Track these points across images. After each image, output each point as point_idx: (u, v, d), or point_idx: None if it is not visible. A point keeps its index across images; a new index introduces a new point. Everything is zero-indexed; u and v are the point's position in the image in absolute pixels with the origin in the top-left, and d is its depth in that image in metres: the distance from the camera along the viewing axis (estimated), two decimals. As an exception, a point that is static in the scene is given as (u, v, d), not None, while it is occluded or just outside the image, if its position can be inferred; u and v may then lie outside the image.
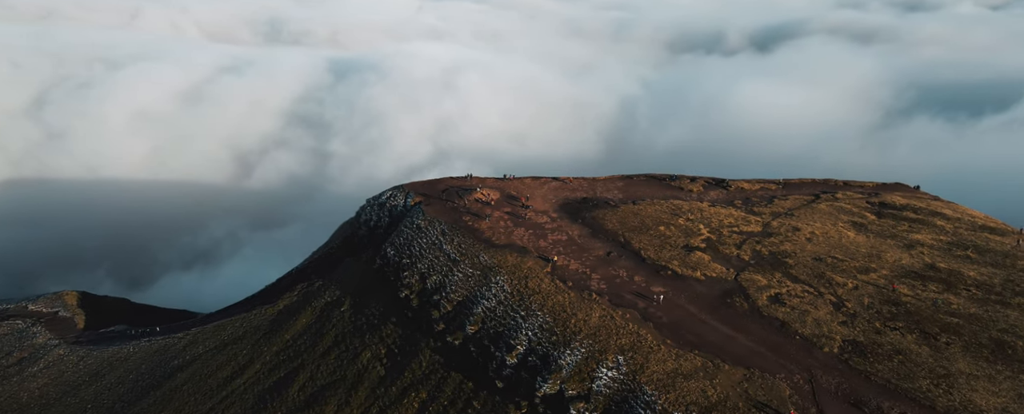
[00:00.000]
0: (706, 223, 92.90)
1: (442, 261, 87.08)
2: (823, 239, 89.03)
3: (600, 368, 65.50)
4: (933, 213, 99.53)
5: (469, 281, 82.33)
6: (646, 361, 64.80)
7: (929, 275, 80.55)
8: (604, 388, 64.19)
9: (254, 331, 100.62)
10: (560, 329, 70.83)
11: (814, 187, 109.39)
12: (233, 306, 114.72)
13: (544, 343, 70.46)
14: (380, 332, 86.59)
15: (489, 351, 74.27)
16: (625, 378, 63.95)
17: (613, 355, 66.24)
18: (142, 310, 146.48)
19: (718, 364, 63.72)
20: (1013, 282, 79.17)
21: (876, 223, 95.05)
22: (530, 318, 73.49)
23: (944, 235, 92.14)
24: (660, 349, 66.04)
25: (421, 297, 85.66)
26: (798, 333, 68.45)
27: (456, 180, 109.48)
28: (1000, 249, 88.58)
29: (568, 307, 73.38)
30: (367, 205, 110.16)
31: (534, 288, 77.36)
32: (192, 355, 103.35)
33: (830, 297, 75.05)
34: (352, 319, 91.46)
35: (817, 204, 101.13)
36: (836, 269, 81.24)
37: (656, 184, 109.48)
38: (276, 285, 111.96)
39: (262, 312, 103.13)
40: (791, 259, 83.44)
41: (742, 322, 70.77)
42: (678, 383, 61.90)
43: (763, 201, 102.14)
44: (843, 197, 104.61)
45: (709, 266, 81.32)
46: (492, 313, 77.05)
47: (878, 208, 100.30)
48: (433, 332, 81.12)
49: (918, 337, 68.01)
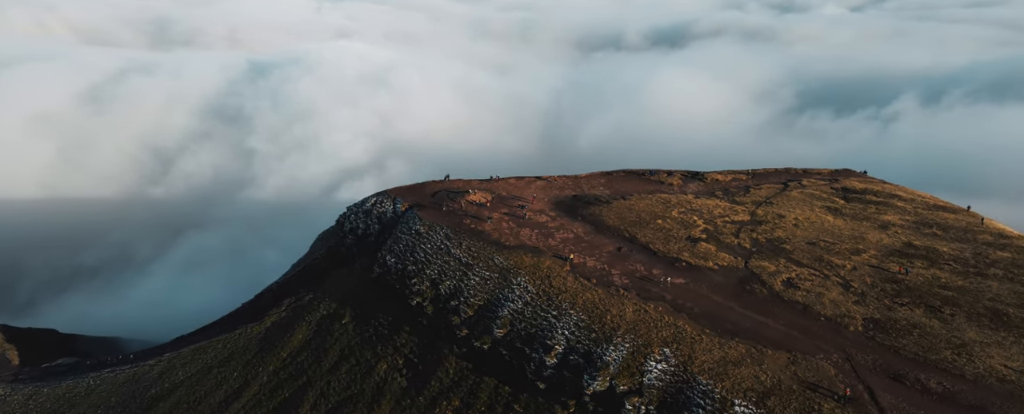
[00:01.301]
0: (698, 214, 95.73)
1: (453, 266, 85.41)
2: (808, 224, 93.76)
3: (648, 361, 66.31)
4: (890, 195, 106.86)
5: (487, 284, 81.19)
6: (693, 351, 66.17)
7: (911, 253, 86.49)
8: (656, 381, 65.02)
9: (242, 351, 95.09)
10: (597, 326, 71.11)
11: (779, 176, 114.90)
12: (207, 327, 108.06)
13: (584, 341, 70.55)
14: (393, 342, 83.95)
15: (524, 353, 73.56)
16: (676, 370, 65.05)
17: (658, 348, 67.20)
18: (64, 340, 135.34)
19: (761, 350, 65.93)
20: (981, 255, 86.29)
21: (847, 207, 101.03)
22: (563, 317, 73.37)
23: (908, 215, 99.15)
24: (702, 339, 67.60)
25: (436, 303, 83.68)
26: (822, 315, 71.85)
27: (440, 183, 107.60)
28: (958, 225, 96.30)
29: (599, 304, 73.77)
30: (350, 213, 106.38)
31: (559, 287, 77.27)
32: (172, 382, 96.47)
33: (836, 279, 79.22)
34: (358, 331, 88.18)
35: (789, 192, 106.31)
36: (830, 252, 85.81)
37: (636, 179, 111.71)
38: (257, 302, 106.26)
39: (248, 331, 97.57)
40: (788, 245, 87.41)
41: (767, 307, 73.51)
42: (730, 371, 63.59)
43: (740, 191, 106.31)
44: (809, 184, 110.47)
45: (717, 256, 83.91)
46: (520, 315, 76.34)
47: (843, 193, 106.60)
48: (456, 338, 79.47)
49: (925, 311, 72.94)
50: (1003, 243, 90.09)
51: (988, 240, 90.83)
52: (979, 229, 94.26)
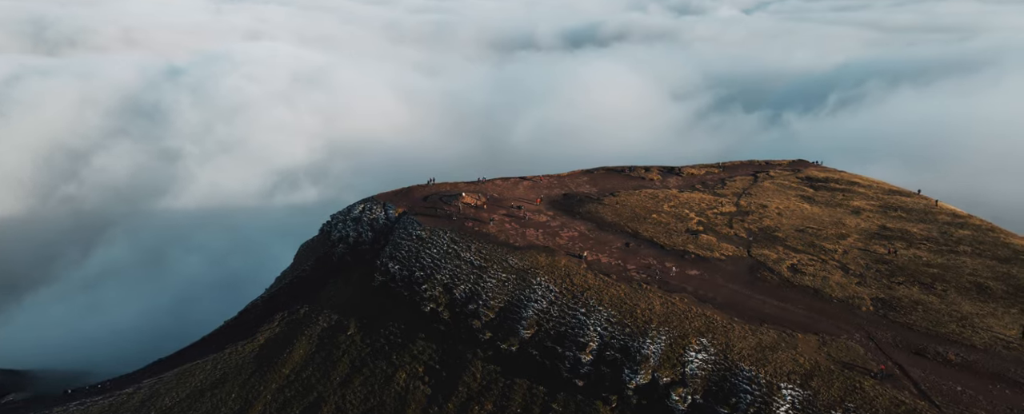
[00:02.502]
0: (688, 208, 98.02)
1: (465, 269, 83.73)
2: (790, 213, 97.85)
3: (688, 352, 67.32)
4: (850, 182, 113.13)
5: (506, 286, 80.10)
6: (728, 339, 67.69)
7: (888, 235, 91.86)
8: (698, 370, 66.10)
9: (237, 371, 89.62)
10: (630, 320, 71.54)
11: (747, 168, 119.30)
12: (187, 349, 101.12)
13: (618, 336, 70.81)
14: (409, 351, 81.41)
15: (556, 352, 73.05)
16: (716, 358, 66.35)
17: (695, 338, 68.34)
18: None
19: (791, 334, 68.25)
20: (947, 234, 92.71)
21: (818, 195, 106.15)
22: (593, 314, 73.37)
23: (873, 201, 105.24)
24: (734, 327, 69.26)
25: (452, 308, 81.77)
26: (833, 297, 75.16)
27: (426, 187, 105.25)
28: (917, 207, 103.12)
29: (627, 298, 74.24)
30: (335, 221, 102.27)
31: (581, 284, 77.22)
32: (159, 409, 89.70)
33: (834, 262, 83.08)
34: (366, 342, 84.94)
35: (761, 183, 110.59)
36: (819, 237, 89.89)
37: (617, 176, 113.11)
38: (242, 318, 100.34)
39: (239, 349, 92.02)
40: (780, 233, 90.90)
41: (781, 293, 76.18)
42: (768, 356, 65.47)
43: (716, 183, 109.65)
44: (776, 175, 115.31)
45: (720, 246, 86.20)
46: (546, 314, 75.77)
47: (809, 182, 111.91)
48: (479, 342, 77.97)
49: (920, 288, 77.63)
50: (959, 222, 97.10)
51: (947, 220, 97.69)
52: (936, 210, 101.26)
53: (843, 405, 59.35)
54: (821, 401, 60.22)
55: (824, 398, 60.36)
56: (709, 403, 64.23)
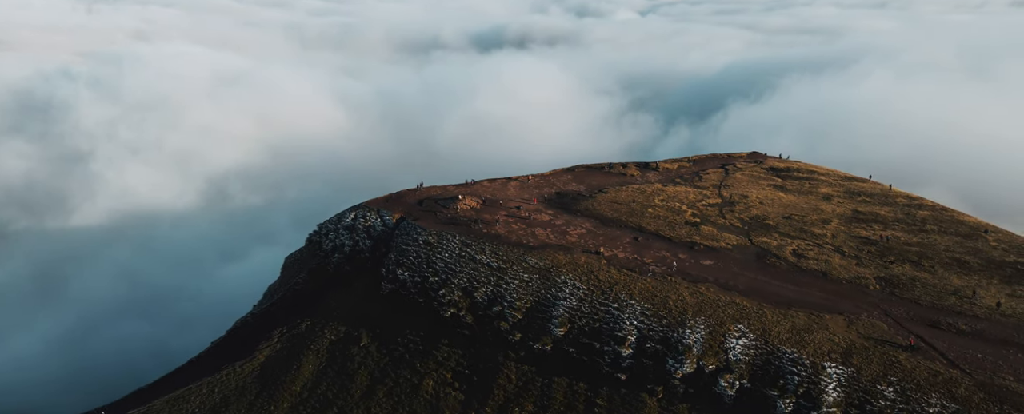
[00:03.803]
0: (678, 201, 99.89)
1: (483, 272, 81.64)
2: (770, 202, 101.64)
3: (729, 339, 68.46)
4: (810, 171, 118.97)
5: (530, 286, 78.72)
6: (763, 324, 69.37)
7: (863, 218, 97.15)
8: (741, 356, 67.34)
9: (239, 393, 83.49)
10: (665, 312, 71.97)
11: (714, 161, 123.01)
12: (172, 375, 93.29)
13: (656, 327, 71.08)
14: (433, 357, 78.52)
15: (593, 348, 72.47)
16: (758, 343, 67.84)
17: (732, 325, 69.60)
18: None
19: (819, 315, 70.73)
20: (911, 215, 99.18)
21: (789, 184, 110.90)
22: (627, 308, 73.30)
23: (836, 187, 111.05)
24: (764, 312, 71.05)
25: (474, 312, 79.50)
26: (842, 279, 78.57)
27: (415, 191, 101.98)
28: (875, 192, 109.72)
29: (656, 291, 74.67)
30: (325, 231, 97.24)
31: (607, 279, 77.03)
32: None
33: (829, 246, 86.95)
34: (383, 352, 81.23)
35: (733, 175, 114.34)
36: (806, 223, 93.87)
37: (598, 173, 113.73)
38: (232, 338, 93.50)
39: (237, 370, 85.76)
40: (770, 221, 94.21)
41: (794, 277, 78.89)
42: (804, 337, 67.55)
43: (693, 176, 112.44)
44: (743, 166, 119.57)
45: (722, 236, 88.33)
46: (577, 311, 75.03)
47: (775, 172, 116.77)
48: (509, 344, 76.23)
49: (911, 266, 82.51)
50: (917, 204, 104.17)
51: (905, 203, 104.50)
52: (892, 194, 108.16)
53: (887, 379, 62.03)
54: (865, 377, 62.70)
55: (867, 374, 62.87)
56: (757, 387, 65.49)
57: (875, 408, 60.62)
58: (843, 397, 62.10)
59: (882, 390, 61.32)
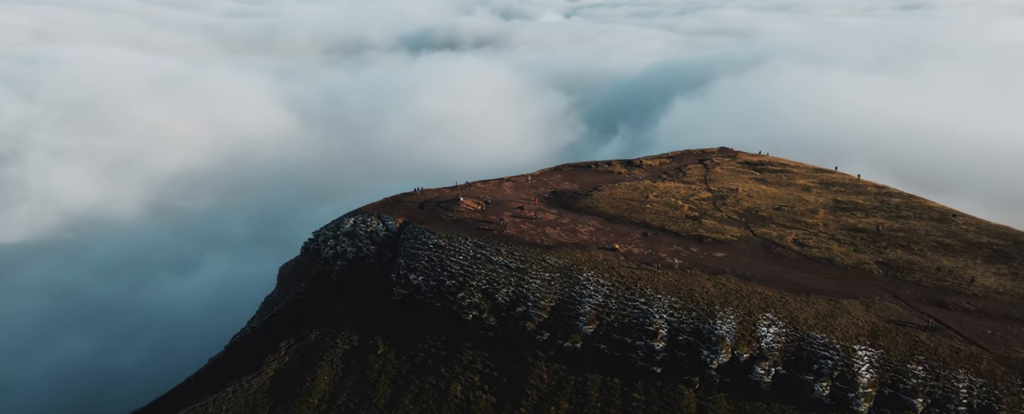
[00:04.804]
0: (672, 196, 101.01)
1: (502, 273, 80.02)
2: (757, 194, 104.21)
3: (759, 327, 69.53)
4: (781, 164, 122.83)
5: (552, 285, 77.70)
6: (789, 312, 70.83)
7: (845, 207, 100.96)
8: (774, 343, 68.52)
9: (251, 409, 78.77)
10: (693, 304, 72.44)
11: (690, 157, 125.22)
12: (169, 395, 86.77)
13: (686, 320, 71.44)
14: (458, 361, 76.35)
15: (625, 343, 72.13)
16: (788, 330, 69.16)
17: (759, 313, 70.73)
18: None
19: (837, 301, 72.78)
20: (885, 203, 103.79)
21: (767, 178, 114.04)
22: (653, 302, 73.38)
23: (810, 179, 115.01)
24: (787, 300, 72.57)
25: (497, 313, 77.78)
26: (846, 265, 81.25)
27: (412, 195, 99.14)
28: (846, 182, 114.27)
29: (679, 284, 75.08)
30: (323, 238, 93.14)
31: (630, 275, 76.91)
32: (158, 463, 76.73)
33: (824, 234, 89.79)
34: (403, 359, 78.40)
35: (713, 169, 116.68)
36: (796, 214, 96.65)
37: (586, 171, 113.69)
38: (231, 353, 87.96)
39: (245, 386, 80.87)
40: (763, 213, 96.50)
41: (803, 265, 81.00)
42: (830, 323, 69.36)
43: (676, 172, 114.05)
44: (719, 161, 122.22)
45: (725, 229, 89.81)
46: (604, 307, 74.55)
47: (750, 166, 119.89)
48: (537, 343, 74.97)
49: (902, 251, 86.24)
50: (887, 193, 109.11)
51: (875, 191, 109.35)
52: (862, 184, 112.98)
53: (914, 358, 64.42)
54: (894, 357, 64.91)
55: (896, 354, 65.12)
56: (792, 373, 66.71)
57: (908, 386, 62.81)
58: (876, 378, 64.03)
59: (912, 369, 63.58)
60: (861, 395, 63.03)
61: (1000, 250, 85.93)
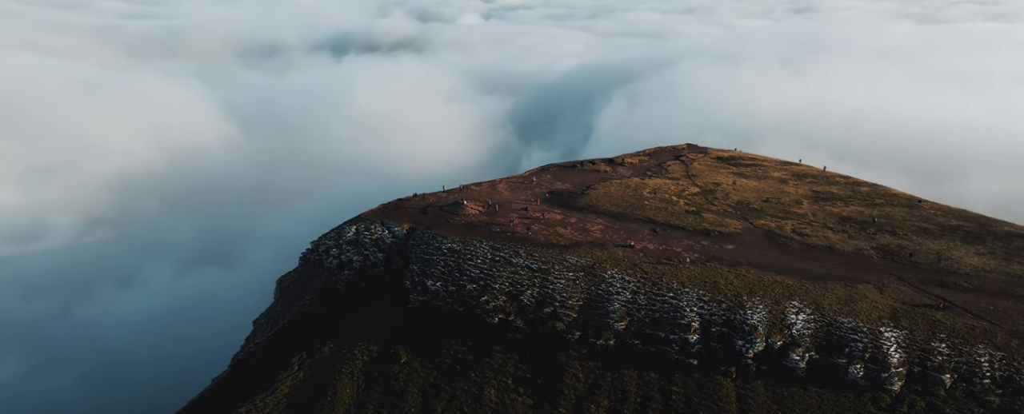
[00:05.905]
0: (666, 192, 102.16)
1: (524, 274, 78.46)
2: (743, 188, 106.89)
3: (788, 315, 71.10)
4: (753, 159, 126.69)
5: (578, 284, 76.83)
6: (813, 298, 72.81)
7: (824, 198, 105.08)
8: (804, 330, 70.21)
9: (267, 428, 73.82)
10: (720, 296, 73.30)
11: (665, 154, 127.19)
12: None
13: (717, 312, 72.18)
14: (487, 366, 74.28)
15: (659, 337, 72.14)
16: (816, 316, 71.02)
17: (786, 301, 72.35)
18: None
19: (853, 286, 75.41)
20: (857, 192, 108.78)
21: (744, 171, 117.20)
22: (682, 296, 73.77)
23: (782, 171, 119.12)
24: (807, 287, 74.59)
25: (524, 315, 76.18)
26: (847, 252, 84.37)
27: (409, 200, 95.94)
28: (815, 174, 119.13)
29: (704, 277, 75.82)
30: (325, 247, 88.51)
31: (653, 271, 77.06)
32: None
33: (817, 223, 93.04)
34: (429, 366, 75.56)
35: (692, 165, 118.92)
36: (784, 205, 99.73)
37: (573, 171, 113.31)
38: (235, 372, 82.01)
39: (259, 404, 75.72)
40: (754, 205, 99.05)
41: (809, 253, 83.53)
42: (852, 307, 71.73)
43: (658, 168, 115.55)
44: (694, 157, 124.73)
45: (726, 222, 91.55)
46: (634, 304, 74.34)
47: (724, 162, 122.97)
48: (569, 343, 73.91)
49: (892, 236, 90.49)
50: (855, 183, 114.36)
51: (844, 182, 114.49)
52: (831, 175, 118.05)
53: (937, 336, 67.50)
54: (918, 337, 67.79)
55: (919, 333, 68.02)
56: (825, 357, 68.49)
57: (935, 363, 65.67)
58: (905, 357, 66.61)
59: (936, 347, 66.55)
60: (894, 374, 65.35)
61: (971, 232, 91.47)
